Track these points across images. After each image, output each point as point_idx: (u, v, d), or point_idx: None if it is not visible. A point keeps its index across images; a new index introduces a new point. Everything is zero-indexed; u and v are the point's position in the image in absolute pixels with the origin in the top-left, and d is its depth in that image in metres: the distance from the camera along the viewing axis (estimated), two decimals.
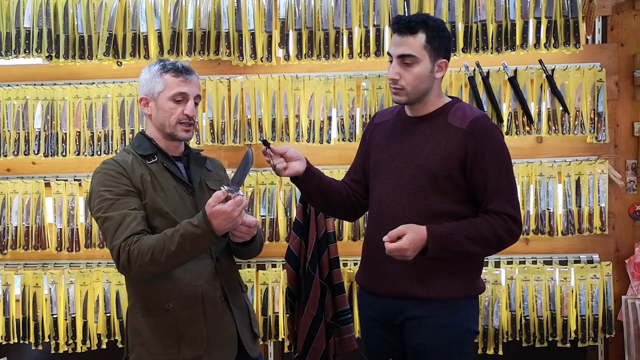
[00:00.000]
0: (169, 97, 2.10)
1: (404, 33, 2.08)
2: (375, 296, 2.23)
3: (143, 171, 2.08)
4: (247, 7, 3.22)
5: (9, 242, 3.32)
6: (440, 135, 2.11)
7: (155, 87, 2.12)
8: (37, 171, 3.43)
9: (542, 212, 3.19)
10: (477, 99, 3.16)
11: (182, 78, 2.11)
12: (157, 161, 2.12)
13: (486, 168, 2.07)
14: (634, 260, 3.23)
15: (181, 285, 2.04)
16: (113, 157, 2.14)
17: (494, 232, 2.05)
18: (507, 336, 3.21)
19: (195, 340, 2.04)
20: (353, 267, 3.26)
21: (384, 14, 3.17)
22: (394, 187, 2.16)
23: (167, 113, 2.11)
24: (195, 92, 2.15)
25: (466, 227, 2.06)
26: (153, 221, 2.04)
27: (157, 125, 2.15)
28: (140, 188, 2.05)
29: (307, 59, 3.21)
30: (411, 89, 2.10)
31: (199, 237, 1.90)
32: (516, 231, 2.09)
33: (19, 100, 3.33)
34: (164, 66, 2.12)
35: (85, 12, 3.26)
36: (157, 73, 2.12)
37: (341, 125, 3.24)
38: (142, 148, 2.14)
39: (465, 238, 2.04)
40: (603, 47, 3.28)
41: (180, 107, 2.11)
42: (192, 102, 2.13)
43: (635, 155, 3.30)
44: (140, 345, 2.06)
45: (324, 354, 2.94)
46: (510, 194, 2.09)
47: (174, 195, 2.10)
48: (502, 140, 2.12)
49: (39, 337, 3.34)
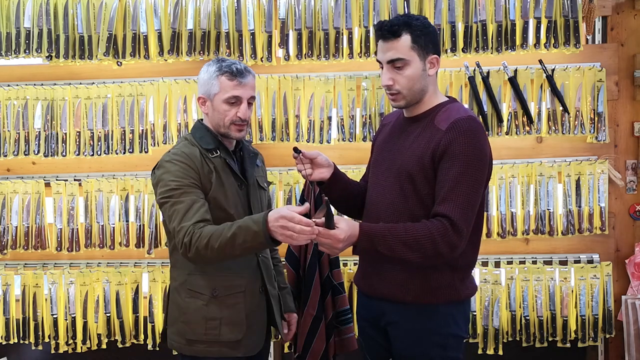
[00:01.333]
0: (224, 100, 2.19)
1: (388, 38, 2.05)
2: (365, 296, 2.27)
3: (209, 166, 2.19)
4: (247, 7, 3.22)
5: (9, 242, 3.32)
6: (424, 136, 2.08)
7: (211, 88, 2.21)
8: (37, 171, 3.43)
9: (542, 212, 3.19)
10: (477, 99, 3.16)
11: (237, 81, 2.18)
12: (220, 155, 2.23)
13: (449, 168, 1.99)
14: (634, 260, 3.23)
15: (228, 275, 2.21)
16: (180, 148, 2.22)
17: (432, 239, 1.95)
18: (507, 336, 3.21)
19: (235, 325, 2.21)
20: (353, 267, 3.26)
21: (384, 14, 3.17)
22: (382, 188, 2.17)
23: (222, 114, 2.21)
24: (249, 94, 2.22)
25: (402, 230, 1.98)
26: (214, 214, 2.15)
27: (213, 123, 2.26)
28: (206, 183, 2.17)
29: (307, 59, 3.21)
30: (407, 91, 2.09)
31: (253, 234, 1.98)
32: (454, 240, 1.96)
33: (19, 100, 3.33)
34: (220, 68, 2.20)
35: (85, 12, 3.26)
36: (213, 74, 2.20)
37: (341, 125, 3.24)
38: (205, 141, 2.24)
39: (399, 242, 1.96)
40: (603, 47, 3.28)
41: (234, 109, 2.20)
42: (245, 104, 2.21)
43: (635, 155, 3.30)
44: (184, 323, 2.22)
45: (324, 354, 2.94)
46: (465, 201, 1.97)
47: (233, 191, 2.23)
48: (479, 146, 2.01)
49: (39, 337, 3.34)
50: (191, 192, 2.12)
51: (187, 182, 2.12)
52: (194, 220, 2.06)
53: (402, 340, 2.12)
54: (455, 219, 1.96)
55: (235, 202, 2.22)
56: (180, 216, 2.08)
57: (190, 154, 2.18)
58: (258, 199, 2.33)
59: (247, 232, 1.99)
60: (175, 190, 2.11)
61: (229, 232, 2.00)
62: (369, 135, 3.22)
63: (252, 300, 2.25)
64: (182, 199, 2.10)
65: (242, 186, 2.26)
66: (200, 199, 2.12)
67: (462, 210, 1.97)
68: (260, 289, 2.29)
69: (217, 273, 2.20)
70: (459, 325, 2.14)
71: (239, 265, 2.21)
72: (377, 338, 2.23)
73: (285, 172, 3.29)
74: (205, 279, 2.21)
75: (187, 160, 2.16)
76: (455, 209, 1.96)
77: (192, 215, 2.07)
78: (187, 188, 2.12)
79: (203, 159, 2.19)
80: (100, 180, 3.32)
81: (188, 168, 2.14)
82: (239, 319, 2.21)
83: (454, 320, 2.12)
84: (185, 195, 2.11)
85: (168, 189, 2.13)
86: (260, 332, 2.30)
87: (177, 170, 2.14)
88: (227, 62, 2.22)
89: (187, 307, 2.22)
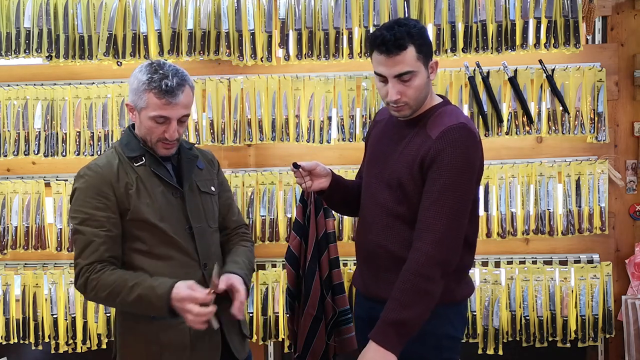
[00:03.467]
0: (150, 117, 1.99)
1: (394, 52, 1.96)
2: (363, 297, 2.26)
3: (129, 178, 2.01)
4: (247, 7, 3.22)
5: (9, 242, 3.32)
6: (415, 142, 2.06)
7: (138, 101, 2.00)
8: (37, 171, 3.43)
9: (542, 212, 3.19)
10: (477, 99, 3.16)
11: (165, 101, 1.96)
12: (145, 164, 2.05)
13: (436, 179, 1.96)
14: (634, 260, 3.23)
15: None
16: (98, 161, 2.05)
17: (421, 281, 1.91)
18: (507, 336, 3.21)
19: (178, 349, 2.02)
20: (353, 267, 3.26)
21: (384, 14, 3.17)
22: (375, 192, 2.15)
23: (148, 130, 2.02)
24: (180, 113, 2.00)
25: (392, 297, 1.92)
26: (138, 231, 2.01)
27: (140, 135, 2.08)
28: (124, 199, 2.00)
29: (307, 59, 3.21)
30: (414, 102, 2.04)
31: (154, 307, 1.90)
32: (438, 268, 1.92)
33: (19, 100, 3.32)
34: (150, 81, 1.96)
35: (85, 12, 3.26)
36: (141, 87, 1.98)
37: (341, 125, 3.24)
38: (129, 148, 2.06)
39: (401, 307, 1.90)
40: (603, 47, 3.28)
41: (161, 127, 2.00)
42: (174, 124, 2.00)
43: (635, 155, 3.30)
44: (125, 349, 2.07)
45: (324, 354, 2.94)
46: (448, 213, 1.93)
47: (162, 201, 2.03)
48: (468, 156, 1.98)
49: (39, 337, 3.33)
50: (98, 220, 1.96)
51: (97, 203, 1.97)
52: (90, 260, 1.94)
53: None
54: (431, 252, 1.92)
55: (167, 213, 2.03)
56: (79, 250, 1.97)
57: (105, 165, 2.02)
58: (199, 206, 2.12)
59: (148, 304, 1.90)
60: (80, 215, 1.97)
61: (129, 297, 1.90)
62: None
63: None
64: (83, 228, 1.96)
65: (176, 194, 2.06)
66: (103, 232, 1.95)
67: (442, 233, 1.93)
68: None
69: None
70: (455, 327, 2.12)
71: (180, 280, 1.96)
72: None
73: (285, 172, 3.29)
74: None
75: (101, 177, 1.99)
76: (428, 232, 1.93)
77: (90, 254, 1.94)
78: (95, 212, 1.96)
79: (123, 170, 2.02)
80: None
81: (101, 185, 1.98)
82: (182, 343, 2.02)
83: (449, 322, 2.10)
84: (86, 224, 1.96)
85: (74, 209, 2.00)
86: (212, 353, 2.07)
87: (89, 188, 1.98)
88: (159, 74, 1.96)
89: (127, 333, 2.07)
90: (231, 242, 2.26)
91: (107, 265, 1.96)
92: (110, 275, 1.93)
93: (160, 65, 2.00)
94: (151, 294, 1.89)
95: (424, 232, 1.95)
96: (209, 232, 2.14)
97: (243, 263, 2.14)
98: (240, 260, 2.15)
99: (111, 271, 1.95)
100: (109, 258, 1.96)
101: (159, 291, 1.88)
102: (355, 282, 2.33)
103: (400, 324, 1.91)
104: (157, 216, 2.01)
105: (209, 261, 2.09)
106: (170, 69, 1.99)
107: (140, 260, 2.02)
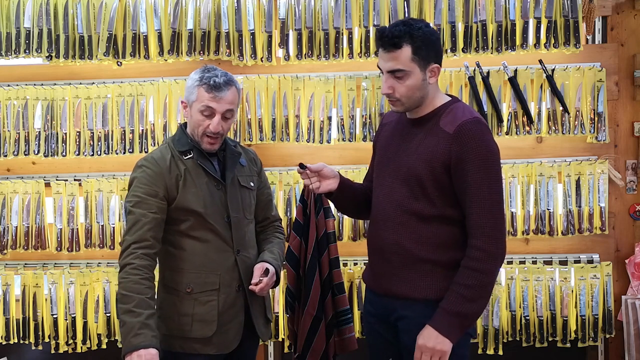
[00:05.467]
0: (198, 110, 2.24)
1: (389, 49, 2.03)
2: (374, 294, 2.27)
3: (179, 170, 2.26)
4: (247, 7, 3.22)
5: (9, 242, 3.32)
6: (430, 138, 2.09)
7: (191, 96, 2.26)
8: (37, 171, 3.43)
9: (542, 212, 3.19)
10: (477, 99, 3.16)
11: (213, 94, 2.21)
12: (193, 157, 2.29)
13: (467, 175, 2.02)
14: (634, 260, 3.23)
15: (202, 272, 2.26)
16: (154, 154, 2.31)
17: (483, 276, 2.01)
18: (507, 336, 3.21)
19: (207, 322, 2.25)
20: (353, 267, 3.26)
21: (384, 14, 3.17)
22: (389, 189, 2.17)
23: (196, 123, 2.26)
24: (225, 108, 2.24)
25: (455, 291, 2.02)
26: (182, 216, 2.25)
27: (190, 129, 2.33)
28: (173, 188, 2.24)
29: (307, 59, 3.21)
30: (406, 99, 2.09)
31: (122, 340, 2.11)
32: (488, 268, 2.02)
33: (19, 100, 3.33)
34: (201, 78, 2.24)
35: (85, 12, 3.26)
36: (194, 83, 2.25)
37: (341, 125, 3.24)
38: (180, 143, 2.31)
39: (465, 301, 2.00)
40: (603, 47, 3.28)
41: (207, 120, 2.25)
42: (218, 117, 2.24)
43: (635, 155, 3.30)
44: (159, 318, 2.26)
45: (324, 354, 2.93)
46: (489, 207, 2.01)
47: (206, 192, 2.27)
48: (490, 147, 2.05)
49: (39, 337, 3.34)
50: (145, 204, 2.20)
51: (149, 190, 2.22)
52: (135, 237, 2.17)
53: (412, 334, 2.11)
54: (479, 244, 2.01)
55: (209, 202, 2.27)
56: (127, 228, 2.21)
57: (160, 159, 2.27)
58: (237, 198, 2.35)
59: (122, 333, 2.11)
60: (134, 198, 2.22)
61: (120, 313, 2.13)
62: (369, 135, 3.22)
63: (226, 298, 2.28)
64: (134, 209, 2.21)
65: (219, 186, 2.31)
66: (149, 214, 2.19)
67: (488, 220, 2.01)
68: (237, 288, 2.31)
69: (192, 270, 2.27)
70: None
71: (214, 263, 2.28)
72: (385, 334, 2.23)
73: (285, 172, 3.29)
74: (180, 276, 2.27)
75: (155, 166, 2.25)
76: (479, 229, 2.01)
77: (135, 231, 2.18)
78: (144, 198, 2.21)
79: (174, 163, 2.27)
80: (100, 180, 3.32)
81: (155, 175, 2.23)
82: (211, 317, 2.26)
83: None
84: (138, 206, 2.20)
85: (131, 194, 2.24)
86: (234, 331, 2.31)
87: (143, 177, 2.24)
88: (211, 73, 2.25)
89: (163, 302, 2.31)
90: (266, 232, 2.54)
91: (146, 258, 2.18)
92: (135, 283, 2.15)
93: (212, 68, 2.29)
94: (129, 332, 2.09)
95: (474, 229, 2.03)
96: (245, 222, 2.38)
97: (277, 254, 2.44)
98: (275, 251, 2.45)
99: (140, 278, 2.16)
100: (151, 238, 2.19)
101: (132, 339, 2.08)
102: (366, 279, 2.35)
103: (464, 316, 2.01)
104: (201, 205, 2.26)
105: (242, 248, 2.34)
106: (220, 71, 2.27)
107: (182, 241, 2.27)
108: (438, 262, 2.10)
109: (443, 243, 2.10)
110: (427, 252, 2.10)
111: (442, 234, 2.10)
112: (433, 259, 2.10)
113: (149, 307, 2.15)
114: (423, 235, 2.10)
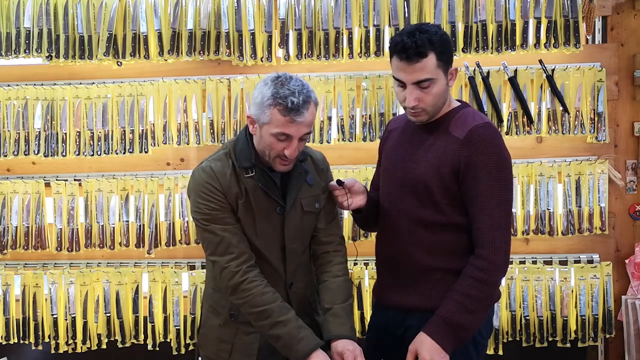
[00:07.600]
0: (272, 134, 1.95)
1: (415, 59, 1.94)
2: (382, 307, 2.24)
3: (239, 188, 2.04)
4: (247, 7, 3.21)
5: (9, 242, 3.32)
6: (440, 144, 2.05)
7: (262, 116, 1.96)
8: (37, 171, 3.43)
9: (542, 212, 3.19)
10: (477, 99, 3.16)
11: (289, 118, 1.91)
12: (254, 177, 2.04)
13: (477, 181, 1.97)
14: (634, 260, 3.23)
15: None
16: (214, 165, 2.06)
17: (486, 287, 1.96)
18: (507, 336, 3.21)
19: (247, 355, 2.11)
20: (353, 267, 3.26)
21: (384, 14, 3.17)
22: (396, 197, 2.14)
23: (269, 146, 1.99)
24: (303, 132, 1.96)
25: (455, 300, 1.96)
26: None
27: (258, 147, 2.05)
28: (234, 206, 2.04)
29: (307, 59, 3.21)
30: (431, 108, 2.04)
31: (288, 352, 1.97)
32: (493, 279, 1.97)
33: (19, 100, 3.32)
34: (275, 96, 1.92)
35: (85, 12, 3.26)
36: (266, 102, 1.93)
37: (341, 125, 3.24)
38: (243, 157, 2.05)
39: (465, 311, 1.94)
40: (603, 47, 3.28)
41: (282, 144, 1.97)
42: (295, 142, 1.96)
43: (635, 155, 3.30)
44: (201, 335, 2.21)
45: None
46: (498, 216, 1.96)
47: (262, 217, 2.06)
48: (502, 153, 2.01)
49: (39, 337, 3.33)
50: (221, 218, 2.01)
51: (215, 205, 2.01)
52: (234, 254, 1.99)
53: None
54: (483, 252, 1.96)
55: (265, 230, 2.06)
56: (213, 247, 2.02)
57: (220, 173, 2.03)
58: (298, 225, 2.12)
59: (282, 347, 1.98)
60: (203, 215, 2.02)
61: (269, 330, 1.98)
62: (369, 135, 3.22)
63: None
64: (211, 227, 2.00)
65: (280, 210, 2.07)
66: (231, 227, 2.01)
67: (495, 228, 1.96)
68: None
69: None
70: (479, 332, 2.09)
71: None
72: (392, 346, 2.19)
73: None
74: (225, 298, 2.10)
75: (215, 181, 2.02)
76: (485, 236, 1.96)
77: (224, 250, 2.00)
78: (214, 214, 2.00)
79: (234, 180, 2.04)
80: (100, 180, 3.32)
81: (214, 190, 2.01)
82: (251, 350, 2.10)
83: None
84: (214, 220, 2.00)
85: (196, 210, 2.04)
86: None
87: (202, 191, 2.02)
88: (286, 89, 1.92)
89: (205, 322, 2.20)
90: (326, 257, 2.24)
91: (252, 268, 2.01)
92: (262, 295, 1.99)
93: (287, 79, 1.96)
94: (291, 343, 1.96)
95: (482, 239, 1.97)
96: (300, 251, 2.17)
97: (344, 310, 2.12)
98: (340, 310, 2.12)
99: (262, 288, 2.00)
100: (245, 249, 2.02)
101: (299, 347, 1.95)
102: (376, 293, 2.31)
103: (460, 327, 1.95)
104: (254, 232, 2.06)
105: (294, 280, 2.15)
106: (297, 85, 1.94)
107: None
108: (448, 271, 2.06)
109: (452, 251, 2.06)
110: (436, 261, 2.07)
111: (451, 242, 2.06)
112: (443, 267, 2.06)
113: (289, 309, 2.00)
114: (432, 244, 2.06)
